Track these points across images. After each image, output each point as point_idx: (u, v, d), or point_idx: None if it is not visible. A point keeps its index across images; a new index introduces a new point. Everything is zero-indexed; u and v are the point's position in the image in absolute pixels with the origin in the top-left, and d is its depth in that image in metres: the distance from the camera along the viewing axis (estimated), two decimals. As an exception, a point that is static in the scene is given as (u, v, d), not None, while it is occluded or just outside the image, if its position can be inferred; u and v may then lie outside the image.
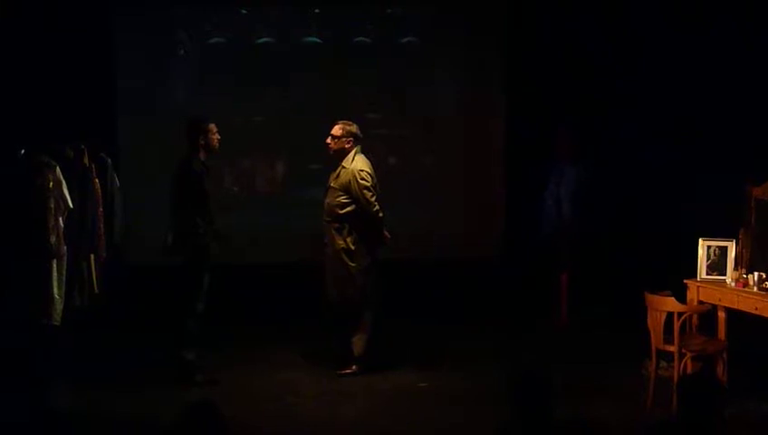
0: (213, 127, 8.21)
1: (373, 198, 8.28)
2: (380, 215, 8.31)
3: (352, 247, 8.31)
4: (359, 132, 8.42)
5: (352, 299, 8.35)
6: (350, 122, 8.45)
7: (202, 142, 8.16)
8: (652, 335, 7.63)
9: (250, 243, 10.15)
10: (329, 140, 8.40)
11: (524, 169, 10.65)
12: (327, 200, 8.40)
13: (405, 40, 11.01)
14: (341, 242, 8.31)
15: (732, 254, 7.86)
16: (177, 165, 8.19)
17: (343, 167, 8.35)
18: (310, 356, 8.89)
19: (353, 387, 8.14)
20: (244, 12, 10.86)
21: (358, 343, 8.39)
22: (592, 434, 4.83)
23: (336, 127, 8.42)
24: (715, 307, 7.89)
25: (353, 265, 8.32)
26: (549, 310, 10.18)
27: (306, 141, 10.14)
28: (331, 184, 8.39)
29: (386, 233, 8.42)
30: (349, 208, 8.29)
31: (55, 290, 7.91)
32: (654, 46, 10.18)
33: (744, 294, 7.58)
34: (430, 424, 7.33)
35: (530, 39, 10.76)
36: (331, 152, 8.41)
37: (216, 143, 8.22)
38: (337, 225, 8.33)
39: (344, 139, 8.37)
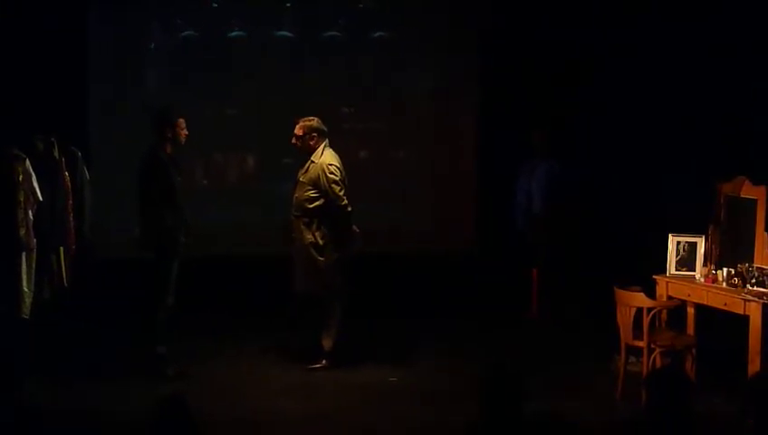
0: (182, 122, 8.18)
1: (342, 192, 8.27)
2: (349, 209, 8.30)
3: (320, 242, 8.30)
4: (321, 126, 8.40)
5: (321, 293, 8.35)
6: (311, 118, 8.42)
7: (169, 135, 8.13)
8: (621, 331, 7.67)
9: (221, 235, 10.13)
10: (293, 140, 8.40)
11: (497, 163, 10.66)
12: (296, 195, 8.39)
13: (377, 34, 11.00)
14: (310, 236, 8.30)
15: (701, 250, 7.91)
16: (142, 157, 8.17)
17: (312, 161, 8.33)
18: (281, 350, 8.86)
19: (323, 381, 8.14)
20: (215, 5, 10.81)
21: (327, 337, 8.39)
22: (561, 429, 4.84)
23: (297, 126, 8.40)
24: (684, 303, 7.95)
25: (321, 259, 8.31)
26: (520, 305, 10.20)
27: (278, 135, 10.09)
28: (300, 178, 8.38)
29: (355, 228, 8.42)
30: (317, 203, 8.28)
31: (25, 283, 7.86)
32: (627, 45, 10.19)
33: (713, 290, 7.64)
34: (400, 419, 7.33)
35: (503, 32, 10.75)
36: (299, 150, 8.43)
37: (183, 138, 8.19)
38: (306, 219, 8.31)
39: (307, 136, 8.36)
